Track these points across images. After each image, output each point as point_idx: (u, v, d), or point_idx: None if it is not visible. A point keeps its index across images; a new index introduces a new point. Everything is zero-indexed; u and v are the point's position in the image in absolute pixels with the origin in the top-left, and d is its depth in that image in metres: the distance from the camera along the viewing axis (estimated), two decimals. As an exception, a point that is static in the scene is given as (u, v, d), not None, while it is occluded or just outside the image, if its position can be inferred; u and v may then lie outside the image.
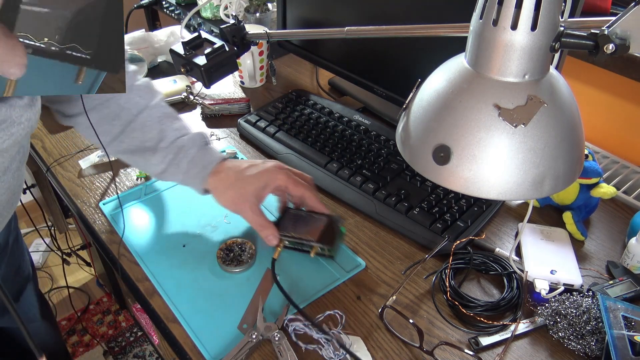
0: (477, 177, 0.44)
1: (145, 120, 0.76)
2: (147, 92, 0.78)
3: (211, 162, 0.74)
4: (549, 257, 0.75)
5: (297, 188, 0.73)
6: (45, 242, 1.90)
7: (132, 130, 0.76)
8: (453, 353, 0.64)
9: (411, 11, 0.87)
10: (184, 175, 0.75)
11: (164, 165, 0.75)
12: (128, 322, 1.83)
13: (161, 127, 0.76)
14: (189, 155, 0.75)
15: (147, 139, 0.75)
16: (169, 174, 0.76)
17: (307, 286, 0.72)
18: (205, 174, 0.74)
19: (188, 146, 0.75)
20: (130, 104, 0.76)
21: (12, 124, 0.60)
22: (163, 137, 0.76)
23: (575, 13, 0.67)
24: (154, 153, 0.75)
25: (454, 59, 0.48)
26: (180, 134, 0.77)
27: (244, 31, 0.90)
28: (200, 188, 0.75)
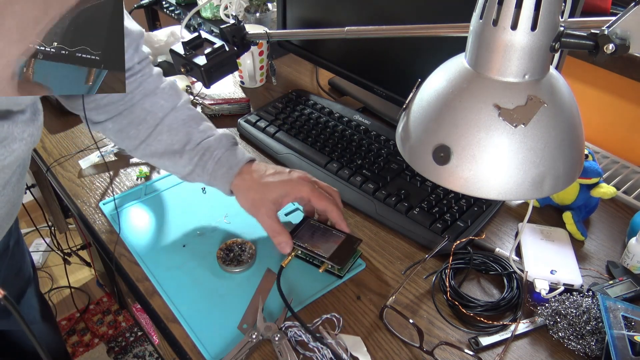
0: (477, 177, 0.44)
1: (172, 123, 0.77)
2: (171, 95, 0.79)
3: (237, 163, 0.75)
4: (549, 257, 0.75)
5: (320, 201, 0.73)
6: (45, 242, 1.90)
7: (158, 133, 0.76)
8: (453, 353, 0.64)
9: (411, 11, 0.87)
10: (210, 176, 0.75)
11: (191, 167, 0.76)
12: (128, 322, 1.83)
13: (187, 129, 0.76)
14: (215, 157, 0.75)
15: (174, 141, 0.76)
16: (195, 175, 0.76)
17: (307, 286, 0.72)
18: (231, 175, 0.74)
19: (214, 147, 0.76)
20: (156, 108, 0.77)
21: (14, 140, 0.60)
22: (189, 139, 0.76)
23: (575, 13, 0.67)
24: (181, 155, 0.76)
25: (454, 59, 0.48)
26: (206, 135, 0.77)
27: (244, 31, 0.90)
28: (227, 189, 0.75)
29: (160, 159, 0.77)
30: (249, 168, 0.75)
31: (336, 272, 0.73)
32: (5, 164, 0.61)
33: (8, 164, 0.61)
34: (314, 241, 0.73)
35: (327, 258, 0.71)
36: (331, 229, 0.75)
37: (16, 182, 0.69)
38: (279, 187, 0.72)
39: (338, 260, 0.71)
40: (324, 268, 0.72)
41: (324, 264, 0.72)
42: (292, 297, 0.70)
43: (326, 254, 0.71)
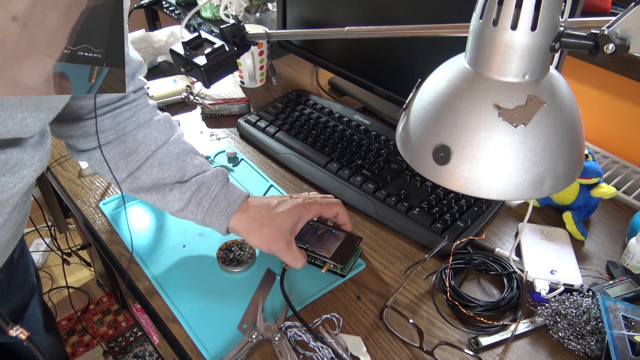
0: (477, 177, 0.44)
1: (164, 156, 0.73)
2: (166, 128, 0.76)
3: (236, 200, 0.71)
4: (549, 257, 0.75)
5: (331, 209, 0.73)
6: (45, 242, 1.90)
7: (149, 166, 0.73)
8: (453, 353, 0.64)
9: (411, 11, 0.87)
10: (205, 214, 0.71)
11: (182, 203, 0.72)
12: (128, 322, 1.83)
13: (180, 163, 0.73)
14: (212, 193, 0.71)
15: (165, 176, 0.72)
16: (188, 211, 0.72)
17: (307, 286, 0.72)
18: (230, 212, 0.70)
19: (210, 183, 0.72)
20: (149, 139, 0.74)
21: (24, 167, 0.58)
22: (182, 174, 0.73)
23: (575, 13, 0.67)
24: (171, 190, 0.72)
25: (454, 59, 0.48)
26: (201, 170, 0.73)
27: (244, 31, 0.90)
28: (223, 227, 0.71)
29: (148, 193, 0.73)
30: (250, 204, 0.71)
31: (339, 271, 0.73)
32: (15, 191, 0.59)
33: (17, 191, 0.59)
34: (314, 242, 0.73)
35: (329, 258, 0.71)
36: (331, 228, 0.75)
37: (22, 204, 0.67)
38: (290, 215, 0.70)
39: (340, 260, 0.71)
40: (327, 268, 0.72)
41: (326, 264, 0.72)
42: (292, 297, 0.70)
43: (328, 254, 0.71)
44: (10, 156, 0.56)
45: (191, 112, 1.10)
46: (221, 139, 1.02)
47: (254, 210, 0.71)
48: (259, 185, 0.90)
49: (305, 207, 0.72)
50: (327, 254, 0.71)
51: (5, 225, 0.64)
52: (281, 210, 0.70)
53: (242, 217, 0.70)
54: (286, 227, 0.69)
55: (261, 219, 0.70)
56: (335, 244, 0.73)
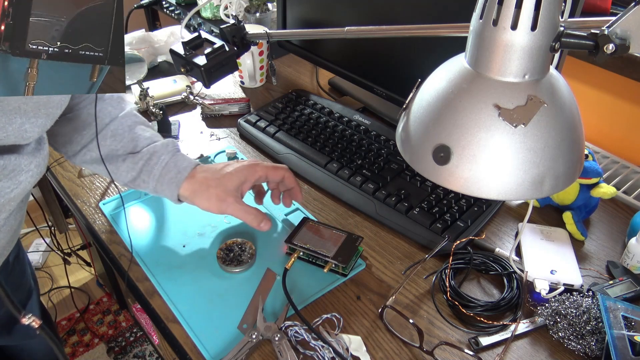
0: (477, 177, 0.44)
1: (117, 128, 0.75)
2: (119, 102, 0.77)
3: (185, 167, 0.72)
4: (549, 257, 0.75)
5: (277, 171, 0.75)
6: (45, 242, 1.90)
7: (102, 138, 0.74)
8: (453, 353, 0.64)
9: (411, 11, 0.87)
10: (157, 182, 0.72)
11: (135, 173, 0.73)
12: (128, 322, 1.83)
13: (132, 134, 0.75)
14: (162, 161, 0.73)
15: (118, 147, 0.74)
16: (140, 180, 0.74)
17: (307, 286, 0.72)
18: (180, 179, 0.72)
19: (160, 152, 0.73)
20: (103, 113, 0.75)
21: (21, 172, 0.59)
22: (135, 145, 0.74)
23: (575, 13, 0.67)
24: (124, 160, 0.73)
25: (454, 59, 0.48)
26: (152, 141, 0.75)
27: (244, 31, 0.90)
28: (174, 194, 0.72)
29: (101, 164, 0.75)
30: (198, 170, 0.73)
31: (340, 271, 0.73)
32: (12, 196, 0.60)
33: (15, 196, 0.60)
34: (315, 241, 0.73)
35: (330, 257, 0.71)
36: (331, 227, 0.75)
37: (18, 210, 0.68)
38: (236, 174, 0.71)
39: (342, 259, 0.71)
40: (329, 268, 0.72)
41: (328, 263, 0.72)
42: (292, 297, 0.70)
43: (329, 253, 0.71)
44: (8, 162, 0.57)
45: (191, 112, 1.10)
46: (221, 139, 1.02)
47: (201, 175, 0.72)
48: (259, 185, 0.90)
49: (251, 167, 0.73)
50: (328, 254, 0.71)
51: (1, 230, 0.65)
52: (227, 172, 0.72)
53: (190, 183, 0.72)
54: (232, 185, 0.71)
55: (207, 182, 0.71)
56: (336, 244, 0.73)
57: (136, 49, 1.22)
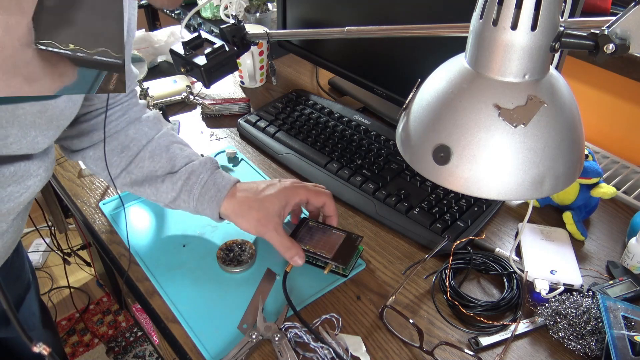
0: (477, 177, 0.44)
1: (154, 149, 0.75)
2: (155, 123, 0.78)
3: (225, 185, 0.71)
4: (549, 257, 0.75)
5: (319, 197, 0.73)
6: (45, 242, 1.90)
7: (140, 160, 0.74)
8: (453, 353, 0.64)
9: (411, 11, 0.87)
10: (197, 201, 0.72)
11: (175, 193, 0.73)
12: (128, 322, 1.83)
13: (170, 155, 0.75)
14: (202, 180, 0.72)
15: (156, 168, 0.74)
16: (181, 201, 0.73)
17: (307, 286, 0.72)
18: (220, 198, 0.71)
19: (199, 171, 0.73)
20: (140, 135, 0.76)
21: (29, 177, 0.60)
22: (172, 165, 0.74)
23: (575, 13, 0.67)
24: (163, 181, 0.73)
25: (454, 59, 0.48)
26: (190, 159, 0.75)
27: (244, 31, 0.90)
28: (215, 213, 0.71)
29: (141, 186, 0.75)
30: (238, 188, 0.72)
31: (341, 271, 0.73)
32: (21, 200, 0.61)
33: (23, 200, 0.61)
34: (315, 242, 0.73)
35: (330, 259, 0.70)
36: (330, 228, 0.75)
37: (24, 211, 0.69)
38: (278, 198, 0.70)
39: (342, 260, 0.70)
40: (329, 269, 0.72)
41: (328, 265, 0.71)
42: (292, 297, 0.70)
43: (329, 254, 0.71)
44: (19, 168, 0.58)
45: (191, 112, 1.10)
46: (221, 139, 1.02)
47: (242, 194, 0.71)
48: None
49: (293, 190, 0.72)
50: (328, 255, 0.71)
51: (7, 231, 0.66)
52: (269, 194, 0.71)
53: (231, 202, 0.71)
54: (274, 210, 0.70)
55: (249, 203, 0.70)
56: (335, 245, 0.72)
57: (136, 49, 1.22)
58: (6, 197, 0.59)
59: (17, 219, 0.67)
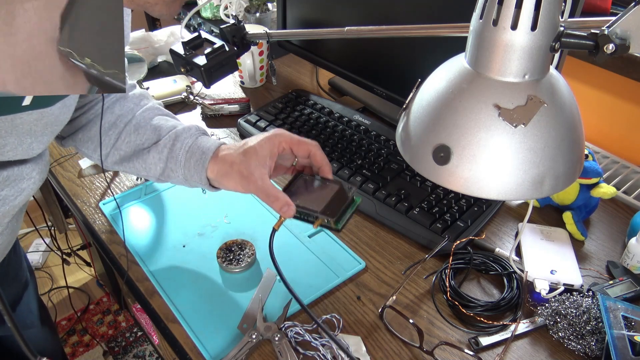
0: (477, 177, 0.44)
1: (139, 122, 0.72)
2: (142, 99, 0.76)
3: (209, 147, 0.67)
4: (549, 257, 0.75)
5: (302, 146, 0.66)
6: (45, 242, 1.90)
7: (126, 134, 0.72)
8: (453, 353, 0.64)
9: (411, 11, 0.87)
10: (184, 168, 0.68)
11: (162, 164, 0.70)
12: (128, 322, 1.83)
13: (154, 125, 0.72)
14: (186, 145, 0.68)
15: (142, 140, 0.71)
16: (169, 170, 0.70)
17: (306, 286, 0.72)
18: (205, 160, 0.67)
19: (183, 137, 0.69)
20: (125, 111, 0.73)
21: (23, 180, 0.60)
22: (158, 135, 0.71)
23: (575, 13, 0.67)
24: (149, 151, 0.70)
25: (454, 59, 0.48)
26: (174, 127, 0.72)
27: (244, 31, 0.90)
28: (203, 177, 0.67)
29: (130, 161, 0.72)
30: (222, 148, 0.68)
31: (333, 226, 0.64)
32: (16, 203, 0.61)
33: (18, 203, 0.61)
34: (306, 196, 0.65)
35: (319, 212, 0.62)
36: (325, 180, 0.67)
37: (19, 212, 0.69)
38: (260, 147, 0.64)
39: (331, 212, 0.63)
40: (319, 224, 0.65)
41: (318, 219, 0.64)
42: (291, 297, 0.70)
43: (318, 208, 0.63)
44: (12, 172, 0.58)
45: (191, 112, 1.10)
46: (221, 139, 1.02)
47: (225, 152, 0.67)
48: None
49: (275, 138, 0.66)
50: (317, 208, 0.62)
51: (3, 233, 0.66)
52: (250, 145, 0.65)
53: (215, 162, 0.67)
54: (257, 160, 0.64)
55: (231, 159, 0.65)
56: (325, 197, 0.64)
57: (136, 49, 1.22)
58: (0, 200, 0.59)
59: (12, 221, 0.67)
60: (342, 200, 0.64)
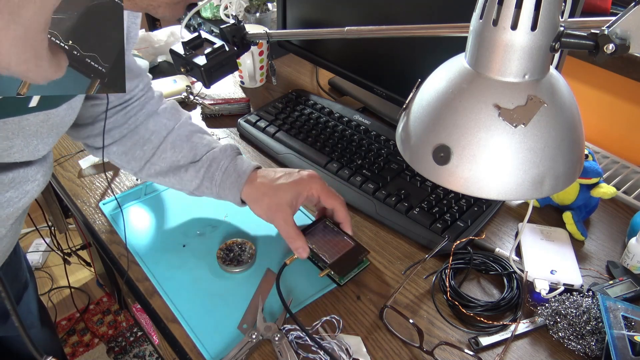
0: (477, 177, 0.44)
1: (175, 140, 0.77)
2: (174, 114, 0.80)
3: (245, 171, 0.73)
4: (549, 257, 0.75)
5: (329, 199, 0.73)
6: (45, 242, 1.90)
7: (162, 151, 0.77)
8: (453, 353, 0.64)
9: (411, 11, 0.87)
10: (219, 187, 0.74)
11: (198, 181, 0.75)
12: (128, 322, 1.83)
13: (191, 144, 0.77)
14: (222, 167, 0.74)
15: (179, 157, 0.76)
16: (204, 188, 0.76)
17: (307, 286, 0.72)
18: (241, 183, 0.73)
19: (220, 158, 0.75)
20: (159, 126, 0.78)
21: (28, 182, 0.61)
22: (195, 154, 0.76)
23: (575, 13, 0.67)
24: (186, 170, 0.76)
25: (454, 59, 0.48)
26: (210, 147, 0.77)
27: (244, 31, 0.90)
28: (237, 198, 0.74)
29: (166, 177, 0.77)
30: (257, 174, 0.74)
31: (336, 279, 0.72)
32: (20, 205, 0.62)
33: (22, 205, 0.62)
34: (322, 243, 0.72)
35: (329, 265, 0.70)
36: (343, 233, 0.74)
37: (22, 214, 0.70)
38: (291, 187, 0.71)
39: (339, 269, 0.70)
40: (325, 273, 0.71)
41: (325, 269, 0.71)
42: (292, 297, 0.70)
43: (329, 259, 0.70)
44: (17, 174, 0.59)
45: (191, 112, 1.10)
46: (221, 139, 1.02)
47: (260, 180, 0.73)
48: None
49: (307, 183, 0.72)
50: (328, 260, 0.70)
51: (6, 235, 0.67)
52: (283, 182, 0.72)
53: (250, 187, 0.73)
54: (285, 198, 0.70)
55: (264, 189, 0.72)
56: (340, 251, 0.71)
57: (136, 48, 1.21)
58: (5, 202, 0.60)
59: (15, 223, 0.67)
60: (353, 260, 0.72)
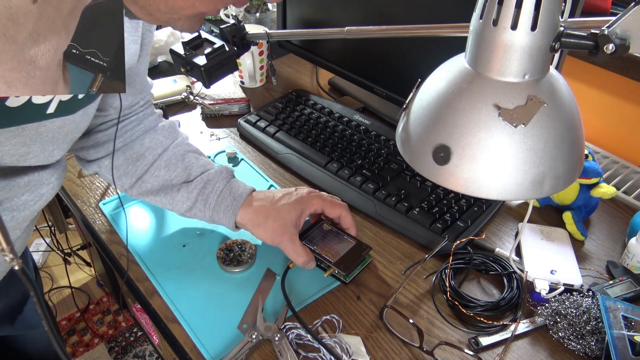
0: (477, 177, 0.44)
1: (170, 158, 0.76)
2: (170, 132, 0.79)
3: (241, 194, 0.72)
4: (549, 257, 0.75)
5: (334, 209, 0.73)
6: (45, 242, 1.90)
7: (156, 169, 0.75)
8: (453, 353, 0.64)
9: (411, 11, 0.87)
10: (213, 210, 0.73)
11: (190, 202, 0.74)
12: (128, 322, 1.83)
13: (185, 164, 0.75)
14: (217, 189, 0.73)
15: (172, 177, 0.75)
16: (197, 210, 0.74)
17: (307, 286, 0.72)
18: (236, 207, 0.72)
19: (215, 180, 0.73)
20: (155, 144, 0.76)
21: (42, 185, 0.61)
22: (188, 174, 0.74)
23: (575, 13, 0.67)
24: (179, 190, 0.74)
25: (454, 59, 0.48)
26: (205, 169, 0.75)
27: (244, 31, 0.90)
28: (231, 222, 0.72)
29: (157, 195, 0.75)
30: (254, 198, 0.73)
31: (341, 278, 0.72)
32: (35, 208, 0.62)
33: (37, 207, 0.63)
34: (323, 245, 0.73)
35: (333, 263, 0.70)
36: (343, 233, 0.75)
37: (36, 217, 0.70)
38: (294, 207, 0.71)
39: (344, 267, 0.70)
40: (330, 273, 0.72)
41: (330, 268, 0.71)
42: (292, 297, 0.70)
43: (333, 259, 0.71)
44: (32, 178, 0.60)
45: (191, 112, 1.10)
46: (221, 139, 1.02)
47: (258, 203, 0.72)
48: (259, 185, 0.89)
49: (308, 201, 0.72)
50: (332, 259, 0.71)
51: (20, 237, 0.67)
52: (285, 203, 0.71)
53: (247, 211, 0.71)
54: (290, 219, 0.70)
55: (265, 212, 0.71)
56: (343, 250, 0.72)
57: (136, 49, 1.21)
58: (21, 205, 0.60)
59: (29, 225, 0.68)
60: (356, 257, 0.72)
